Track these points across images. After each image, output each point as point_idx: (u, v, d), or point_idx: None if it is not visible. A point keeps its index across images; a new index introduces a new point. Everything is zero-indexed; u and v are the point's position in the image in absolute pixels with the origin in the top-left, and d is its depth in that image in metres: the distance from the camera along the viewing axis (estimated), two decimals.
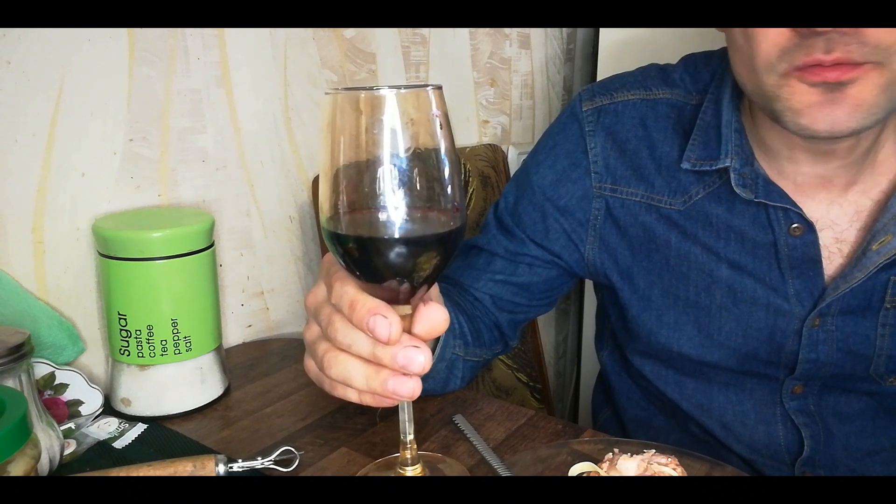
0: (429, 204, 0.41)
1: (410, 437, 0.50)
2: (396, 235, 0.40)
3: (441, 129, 0.41)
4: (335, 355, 0.46)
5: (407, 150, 0.40)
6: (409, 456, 0.50)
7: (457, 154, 0.42)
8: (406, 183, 0.40)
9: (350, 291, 0.44)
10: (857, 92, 0.54)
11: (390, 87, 0.40)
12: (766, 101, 0.58)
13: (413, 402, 0.71)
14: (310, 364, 0.51)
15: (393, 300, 0.44)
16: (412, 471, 0.50)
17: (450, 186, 0.42)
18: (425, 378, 0.66)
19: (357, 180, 0.40)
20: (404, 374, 0.44)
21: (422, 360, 0.43)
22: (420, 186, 0.40)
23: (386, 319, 0.42)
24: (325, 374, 0.47)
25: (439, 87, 0.41)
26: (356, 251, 0.42)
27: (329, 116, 0.41)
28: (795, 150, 0.63)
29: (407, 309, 0.45)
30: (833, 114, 0.54)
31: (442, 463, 0.55)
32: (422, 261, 0.42)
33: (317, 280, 0.50)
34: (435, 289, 0.50)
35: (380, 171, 0.39)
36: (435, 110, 0.41)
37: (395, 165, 0.40)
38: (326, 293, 0.47)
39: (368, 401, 0.46)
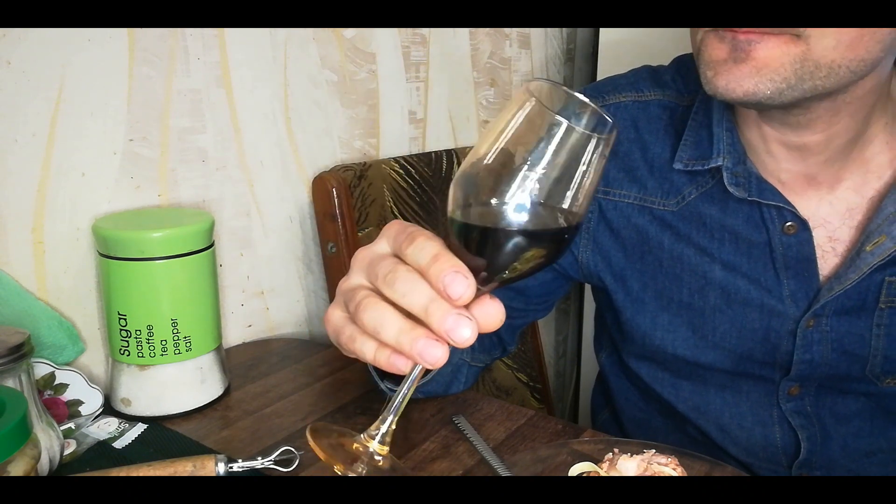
0: (559, 225, 0.42)
1: (395, 417, 0.48)
2: (519, 226, 0.41)
3: (595, 166, 0.42)
4: (375, 301, 0.44)
5: (567, 169, 0.41)
6: (383, 431, 0.48)
7: (591, 199, 0.44)
8: (552, 199, 0.41)
9: (437, 246, 0.43)
10: (764, 55, 0.53)
11: (593, 108, 0.42)
12: (696, 58, 0.58)
13: (412, 402, 0.72)
14: (335, 313, 0.48)
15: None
16: (379, 447, 0.48)
17: (580, 218, 0.43)
18: (429, 380, 0.66)
19: (508, 176, 0.41)
20: (438, 340, 0.42)
21: (468, 332, 0.41)
22: (559, 194, 0.42)
23: (466, 280, 0.41)
24: (357, 317, 0.44)
25: (615, 129, 0.42)
26: (480, 230, 0.42)
27: (518, 109, 0.42)
28: (770, 142, 0.63)
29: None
30: (732, 72, 0.54)
31: (397, 466, 0.53)
32: (525, 258, 0.43)
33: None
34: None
35: (535, 178, 0.41)
36: (599, 155, 0.42)
37: (550, 179, 0.41)
38: (388, 251, 0.46)
39: (384, 358, 0.44)
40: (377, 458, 0.48)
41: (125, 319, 0.67)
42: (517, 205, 0.41)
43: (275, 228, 0.93)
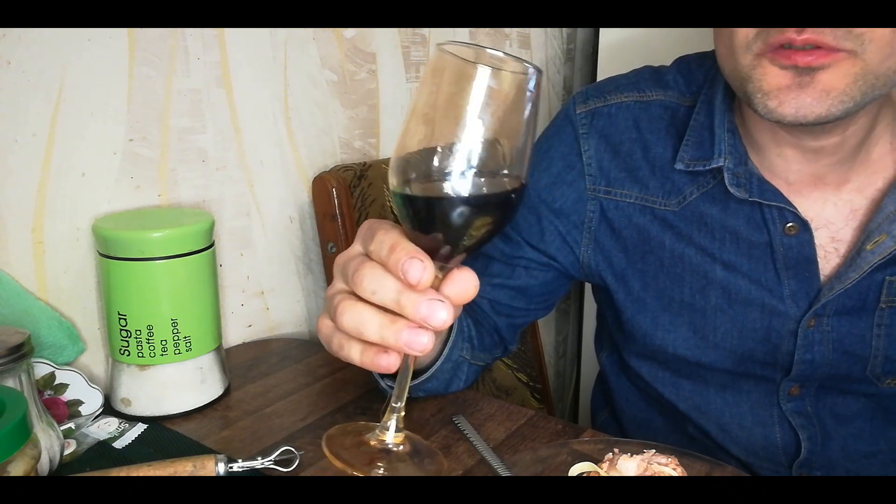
0: (498, 174, 0.42)
1: (401, 403, 0.49)
2: (462, 194, 0.41)
3: (529, 108, 0.42)
4: (352, 303, 0.44)
5: (494, 119, 0.41)
6: (393, 421, 0.49)
7: (535, 136, 0.44)
8: (485, 149, 0.41)
9: (394, 236, 0.43)
10: (828, 78, 0.53)
11: (502, 55, 0.42)
12: (740, 82, 0.58)
13: (413, 401, 0.72)
14: (324, 322, 0.49)
15: (433, 257, 0.44)
16: (392, 436, 0.49)
17: (522, 162, 0.43)
18: (430, 378, 0.66)
19: (440, 135, 0.41)
20: (420, 327, 0.43)
21: (444, 315, 0.42)
22: (496, 155, 0.41)
23: (422, 263, 0.41)
24: (338, 323, 0.45)
25: (540, 71, 0.43)
26: (420, 199, 0.43)
27: (435, 69, 0.42)
28: (783, 146, 0.63)
29: (438, 274, 0.45)
30: (800, 98, 0.54)
31: (421, 444, 0.53)
32: (476, 224, 0.43)
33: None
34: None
35: (462, 133, 0.41)
36: (531, 89, 0.42)
37: (476, 132, 0.41)
38: (359, 250, 0.46)
39: (369, 359, 0.45)
40: (397, 448, 0.48)
41: (125, 319, 0.67)
42: (458, 170, 0.41)
43: (275, 228, 0.93)
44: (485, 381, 1.11)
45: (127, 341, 0.67)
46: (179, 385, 0.70)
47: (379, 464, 0.48)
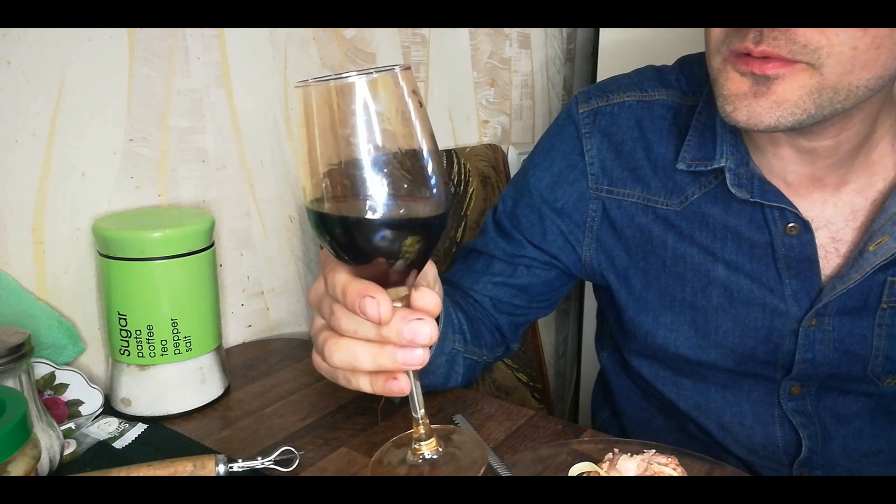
0: (408, 186, 0.42)
1: (422, 411, 0.50)
2: (376, 218, 0.41)
3: (415, 110, 0.41)
4: (336, 341, 0.45)
5: (383, 134, 0.40)
6: (423, 431, 0.50)
7: (432, 133, 0.43)
8: (383, 168, 0.40)
9: (342, 278, 0.44)
10: (782, 89, 0.54)
11: (359, 72, 0.40)
12: (713, 85, 0.59)
13: (403, 406, 0.71)
14: (317, 361, 0.50)
15: (385, 282, 0.44)
16: (427, 445, 0.50)
17: (430, 167, 0.42)
18: (426, 373, 0.66)
19: (336, 169, 0.41)
20: (410, 346, 0.43)
21: (427, 331, 0.43)
22: (398, 170, 0.41)
23: (374, 299, 0.42)
24: (329, 363, 0.46)
25: (408, 67, 0.42)
26: (341, 235, 0.42)
27: (302, 108, 0.41)
28: (779, 146, 0.64)
29: (403, 290, 0.45)
30: (752, 106, 0.55)
31: (456, 434, 0.54)
32: (406, 243, 0.43)
33: (318, 275, 0.50)
34: (432, 273, 0.51)
35: (357, 158, 0.40)
36: (407, 92, 0.41)
37: (371, 152, 0.40)
38: (325, 286, 0.47)
39: (379, 387, 0.45)
40: (438, 452, 0.49)
41: (125, 319, 0.67)
42: (370, 193, 0.40)
43: (275, 228, 0.93)
44: (485, 381, 1.11)
45: (127, 341, 0.67)
46: (179, 385, 0.70)
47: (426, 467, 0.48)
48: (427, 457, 0.49)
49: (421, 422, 0.49)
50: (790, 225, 0.65)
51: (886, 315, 0.65)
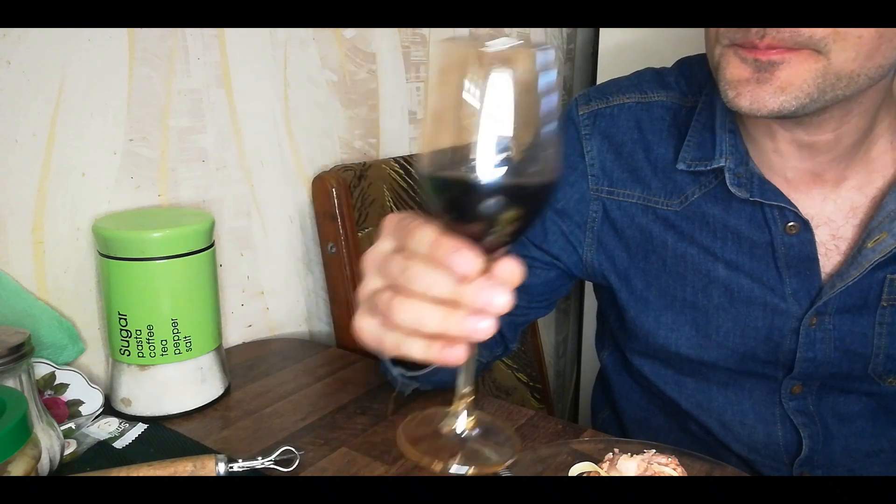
0: (531, 157, 0.42)
1: (468, 388, 0.49)
2: (495, 182, 0.41)
3: (552, 89, 0.42)
4: (405, 299, 0.43)
5: (514, 103, 0.41)
6: (463, 407, 0.49)
7: (560, 115, 0.43)
8: (512, 135, 0.41)
9: (432, 232, 0.43)
10: (787, 74, 0.54)
11: (506, 41, 0.41)
12: (714, 71, 0.59)
13: (413, 402, 0.72)
14: (366, 322, 0.47)
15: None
16: (464, 422, 0.49)
17: (551, 141, 0.42)
18: (439, 370, 0.65)
19: (462, 128, 0.41)
20: (481, 314, 0.42)
21: (503, 300, 0.42)
22: (524, 141, 0.41)
23: (469, 253, 0.41)
24: (392, 321, 0.44)
25: (553, 49, 0.42)
26: (456, 191, 0.42)
27: (441, 64, 0.42)
28: (779, 141, 0.64)
29: (484, 263, 0.45)
30: (756, 92, 0.55)
31: (493, 423, 0.53)
32: (510, 213, 0.43)
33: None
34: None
35: (486, 122, 0.40)
36: (550, 70, 0.42)
37: (500, 118, 0.40)
38: (393, 246, 0.45)
39: (435, 353, 0.44)
40: (471, 433, 0.48)
41: (125, 319, 0.67)
42: (490, 159, 0.41)
43: (275, 228, 0.93)
44: (485, 381, 1.11)
45: (127, 341, 0.67)
46: (179, 385, 0.70)
47: (455, 455, 0.47)
48: (459, 433, 0.48)
49: (465, 398, 0.49)
50: (790, 224, 0.65)
51: (887, 313, 0.65)
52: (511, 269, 0.44)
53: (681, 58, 0.76)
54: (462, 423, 0.48)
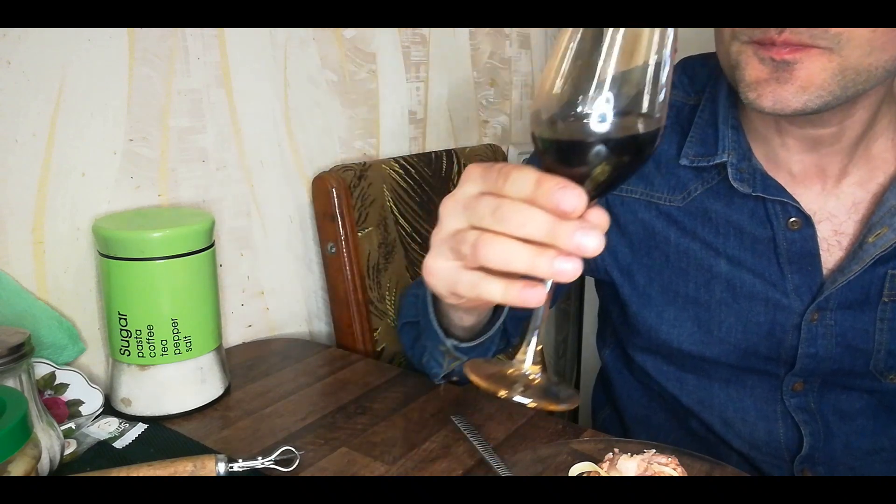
0: (639, 115, 0.44)
1: (536, 338, 0.49)
2: (606, 132, 0.43)
3: (669, 63, 0.44)
4: (493, 237, 0.43)
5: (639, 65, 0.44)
6: (530, 355, 0.49)
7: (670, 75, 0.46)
8: (632, 93, 0.43)
9: (535, 172, 0.43)
10: (805, 73, 0.55)
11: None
12: (731, 70, 0.59)
13: (412, 401, 0.72)
14: (441, 265, 0.46)
15: None
16: (530, 367, 0.49)
17: (662, 101, 0.45)
18: (484, 342, 0.65)
19: (582, 80, 0.44)
20: (570, 255, 0.42)
21: (596, 242, 0.42)
22: (642, 101, 0.44)
23: (576, 190, 0.41)
24: (479, 258, 0.43)
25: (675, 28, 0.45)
26: (569, 134, 0.44)
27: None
28: (785, 135, 0.64)
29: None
30: (777, 92, 0.55)
31: (554, 382, 0.53)
32: (617, 160, 0.44)
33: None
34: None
35: (607, 78, 0.43)
36: (669, 49, 0.45)
37: (620, 77, 0.43)
38: (479, 189, 0.45)
39: (514, 294, 0.43)
40: (532, 376, 0.48)
41: (125, 319, 0.67)
42: (600, 113, 0.43)
43: (275, 228, 0.93)
44: None
45: (127, 341, 0.67)
46: (179, 385, 0.70)
47: (516, 387, 0.47)
48: (526, 374, 0.48)
49: (533, 346, 0.48)
50: (792, 220, 0.65)
51: (888, 309, 0.65)
52: (601, 216, 0.44)
53: (683, 57, 0.77)
54: (528, 366, 0.48)
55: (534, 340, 0.49)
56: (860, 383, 0.69)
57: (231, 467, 0.57)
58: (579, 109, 0.43)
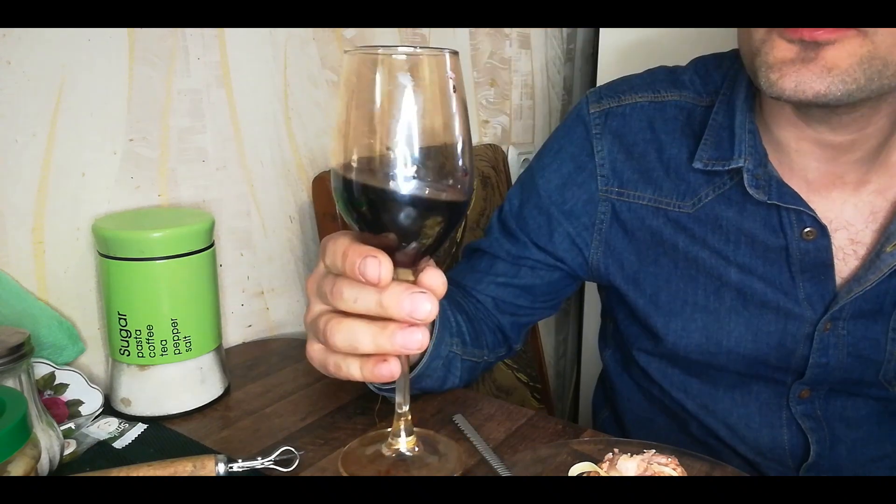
0: (438, 169, 0.42)
1: (406, 407, 0.49)
2: (402, 192, 0.41)
3: (454, 92, 0.42)
4: (339, 321, 0.45)
5: (419, 112, 0.41)
6: (402, 427, 0.49)
7: (468, 120, 0.43)
8: (415, 146, 0.41)
9: (344, 242, 0.44)
10: (833, 56, 0.52)
11: (406, 48, 0.41)
12: (751, 57, 0.58)
13: (412, 401, 0.71)
14: (313, 348, 0.49)
15: (395, 262, 0.44)
16: (405, 442, 0.49)
17: (460, 151, 0.43)
18: (422, 377, 0.66)
19: (370, 138, 0.41)
20: (411, 326, 0.43)
21: (428, 306, 0.42)
22: (430, 152, 0.42)
23: (376, 259, 0.41)
24: (330, 344, 0.45)
25: (455, 53, 0.42)
26: (364, 202, 0.43)
27: (346, 74, 0.42)
28: (803, 141, 0.63)
29: (409, 275, 0.45)
30: (801, 73, 0.53)
31: (438, 440, 0.54)
32: (426, 224, 0.43)
33: (316, 264, 0.49)
34: (440, 279, 0.50)
35: (392, 131, 0.40)
36: (449, 73, 0.42)
37: (406, 127, 0.40)
38: (324, 267, 0.46)
39: (369, 371, 0.45)
40: (413, 452, 0.48)
41: (125, 319, 0.67)
42: (399, 168, 0.41)
43: (275, 228, 0.93)
44: (485, 381, 1.11)
45: (127, 341, 0.67)
46: (179, 385, 0.70)
47: (399, 470, 0.48)
48: (402, 452, 0.49)
49: (402, 417, 0.49)
50: (807, 230, 0.64)
51: None
52: (435, 279, 0.45)
53: (695, 57, 0.75)
54: (402, 442, 0.49)
55: (404, 411, 0.49)
56: (867, 391, 0.68)
57: (231, 467, 0.57)
58: (378, 169, 0.41)
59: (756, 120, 0.67)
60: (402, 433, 0.49)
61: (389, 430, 0.51)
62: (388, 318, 0.43)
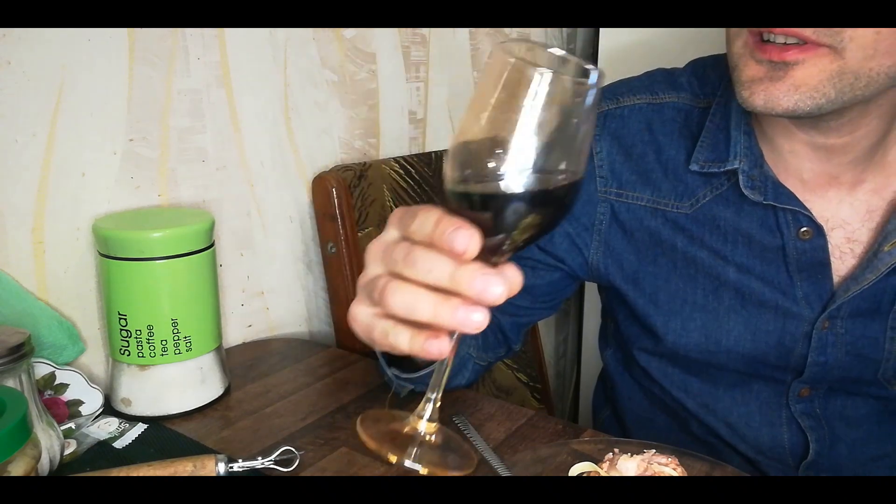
0: (555, 171, 0.42)
1: (436, 394, 0.48)
2: (516, 191, 0.41)
3: (588, 118, 0.42)
4: (400, 283, 0.43)
5: (553, 122, 0.41)
6: (428, 409, 0.48)
7: (592, 129, 0.44)
8: (542, 146, 0.41)
9: (437, 213, 0.42)
10: (802, 74, 0.54)
11: (554, 56, 0.42)
12: (731, 69, 0.59)
13: (412, 400, 0.71)
14: (360, 310, 0.47)
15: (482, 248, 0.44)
16: (425, 425, 0.48)
17: (581, 155, 0.43)
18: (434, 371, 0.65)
19: (496, 131, 0.41)
20: (474, 305, 0.42)
21: (500, 289, 0.41)
22: (556, 151, 0.42)
23: (468, 230, 0.41)
24: (386, 304, 0.43)
25: (603, 74, 0.42)
26: (475, 194, 0.43)
27: (497, 71, 0.41)
28: (795, 142, 0.63)
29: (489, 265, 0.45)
30: (769, 90, 0.55)
31: (454, 438, 0.53)
32: (527, 223, 0.43)
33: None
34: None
35: (519, 131, 0.41)
36: (590, 100, 0.42)
37: (537, 130, 0.41)
38: (398, 235, 0.45)
39: (419, 344, 0.43)
40: (428, 437, 0.48)
41: (125, 319, 0.67)
42: (517, 169, 0.41)
43: (275, 228, 0.93)
44: (485, 381, 1.11)
45: (127, 341, 0.67)
46: (179, 385, 0.70)
47: (409, 450, 0.47)
48: (420, 433, 0.48)
49: (430, 403, 0.48)
50: (803, 229, 0.64)
51: None
52: (514, 273, 0.44)
53: (693, 59, 0.75)
54: (423, 424, 0.48)
55: (434, 396, 0.48)
56: (867, 390, 0.69)
57: (231, 467, 0.57)
58: (493, 164, 0.41)
59: (752, 122, 0.67)
60: (426, 416, 0.48)
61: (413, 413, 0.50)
62: (455, 295, 0.42)
